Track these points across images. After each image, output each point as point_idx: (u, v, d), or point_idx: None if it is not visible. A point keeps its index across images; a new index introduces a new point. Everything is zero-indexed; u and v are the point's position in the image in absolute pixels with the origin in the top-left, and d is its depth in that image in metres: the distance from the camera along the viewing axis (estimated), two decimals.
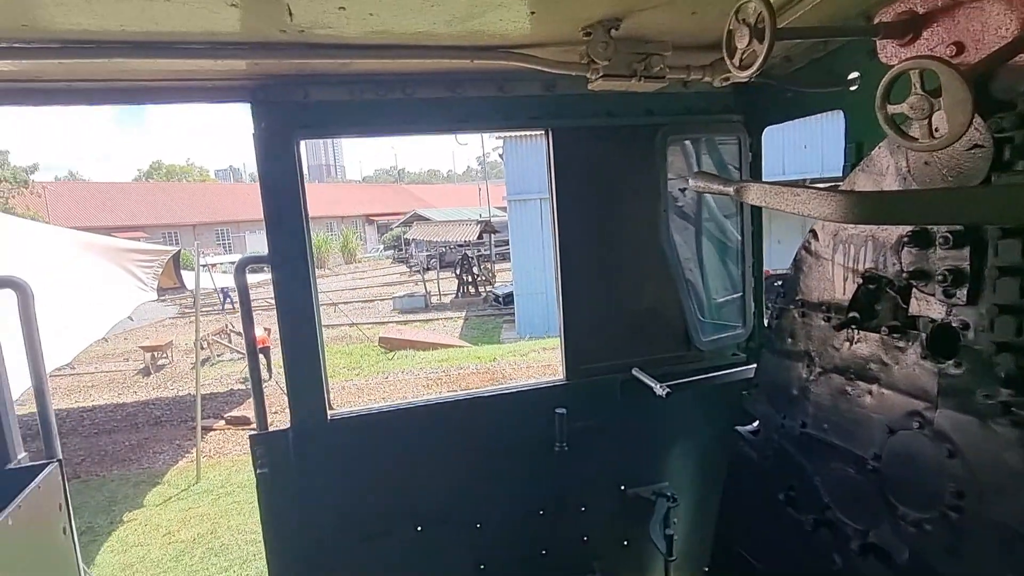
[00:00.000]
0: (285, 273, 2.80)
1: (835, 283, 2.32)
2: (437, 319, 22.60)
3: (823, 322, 2.36)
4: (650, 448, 3.35)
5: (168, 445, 10.71)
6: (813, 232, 2.42)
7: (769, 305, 2.90)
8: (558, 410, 3.09)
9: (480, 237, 31.47)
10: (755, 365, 2.93)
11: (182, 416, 12.02)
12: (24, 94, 2.59)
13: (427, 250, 35.85)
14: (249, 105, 2.73)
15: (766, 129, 3.22)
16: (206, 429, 10.64)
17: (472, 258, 28.70)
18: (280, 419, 3.30)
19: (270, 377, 13.13)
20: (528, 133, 18.80)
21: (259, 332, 12.44)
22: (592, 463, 3.23)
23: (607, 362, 3.19)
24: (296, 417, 2.85)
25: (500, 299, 23.95)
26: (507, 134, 18.90)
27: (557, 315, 3.18)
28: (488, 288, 27.19)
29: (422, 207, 54.52)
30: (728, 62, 1.76)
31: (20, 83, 2.53)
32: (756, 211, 3.32)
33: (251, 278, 3.27)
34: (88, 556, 7.15)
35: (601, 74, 2.22)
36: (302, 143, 2.87)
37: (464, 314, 23.17)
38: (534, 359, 14.99)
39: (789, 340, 2.55)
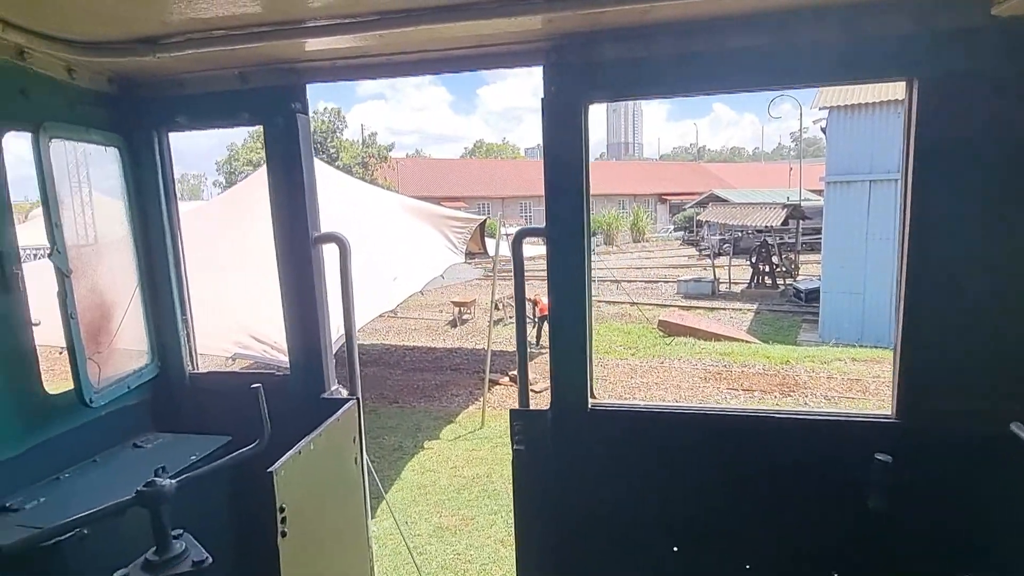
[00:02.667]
0: (560, 247, 2.64)
1: None
2: (723, 308, 21.09)
3: None
4: (1018, 535, 2.32)
5: (463, 390, 12.19)
6: None
7: None
8: (880, 455, 2.32)
9: (785, 223, 28.14)
10: None
11: (476, 367, 13.55)
12: (353, 69, 2.89)
13: (721, 233, 33.75)
14: (541, 69, 2.61)
15: None
16: (493, 382, 11.77)
17: (773, 246, 25.88)
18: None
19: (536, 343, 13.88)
20: (861, 101, 15.83)
21: (544, 299, 13.23)
22: (920, 537, 2.38)
23: (968, 406, 2.28)
24: (556, 400, 2.70)
25: (802, 294, 21.18)
26: (830, 104, 16.24)
27: (894, 328, 2.37)
28: (788, 281, 24.31)
29: (720, 187, 51.52)
30: None
31: (350, 59, 2.82)
32: None
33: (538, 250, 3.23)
34: (396, 470, 8.54)
35: None
36: (591, 110, 2.65)
37: (756, 307, 21.15)
38: (839, 370, 12.79)
39: None
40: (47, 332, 2.74)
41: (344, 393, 3.15)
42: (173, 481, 2.08)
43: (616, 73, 2.50)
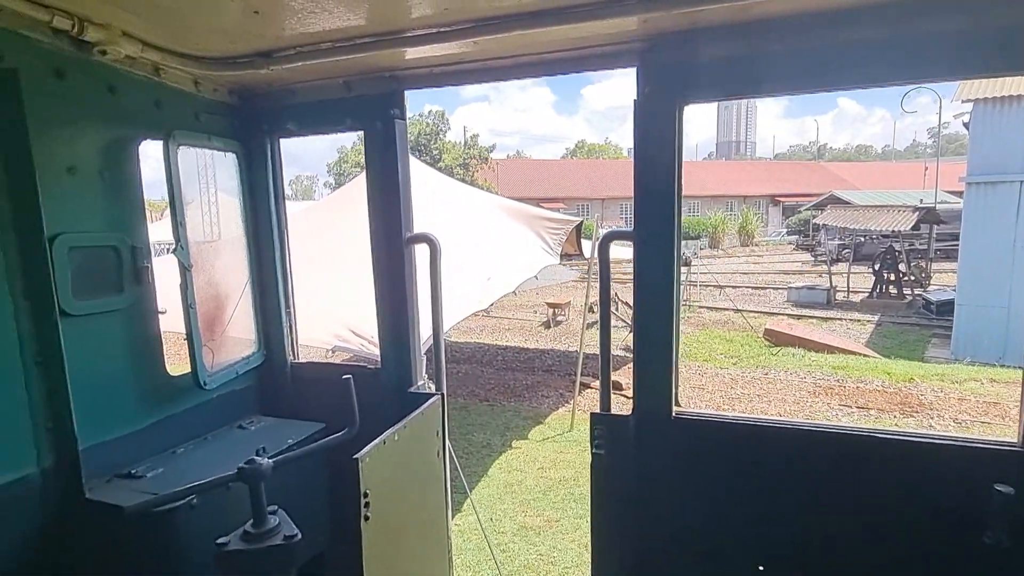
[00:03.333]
0: (648, 251, 2.56)
1: None
2: (839, 319, 19.53)
3: None
4: None
5: (553, 392, 12.18)
6: None
7: None
8: (1000, 487, 2.06)
9: (916, 227, 25.53)
10: None
11: (567, 369, 13.49)
12: (450, 75, 2.98)
13: (840, 238, 31.26)
14: (635, 70, 2.55)
15: None
16: (584, 385, 11.65)
17: (900, 252, 23.62)
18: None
19: None
20: (1011, 93, 14.06)
21: None
22: None
23: None
24: (639, 406, 2.63)
25: (933, 306, 19.18)
26: (974, 96, 14.54)
27: None
28: (918, 291, 22.09)
29: (841, 188, 47.76)
30: None
31: (447, 66, 2.91)
32: None
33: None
34: (484, 467, 8.68)
35: None
36: (690, 110, 2.57)
37: (877, 318, 19.41)
38: (973, 391, 11.44)
39: None
40: (170, 320, 3.05)
41: (431, 388, 3.26)
42: (270, 461, 2.25)
43: (715, 73, 2.41)
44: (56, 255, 2.41)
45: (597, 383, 12.28)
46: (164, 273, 2.97)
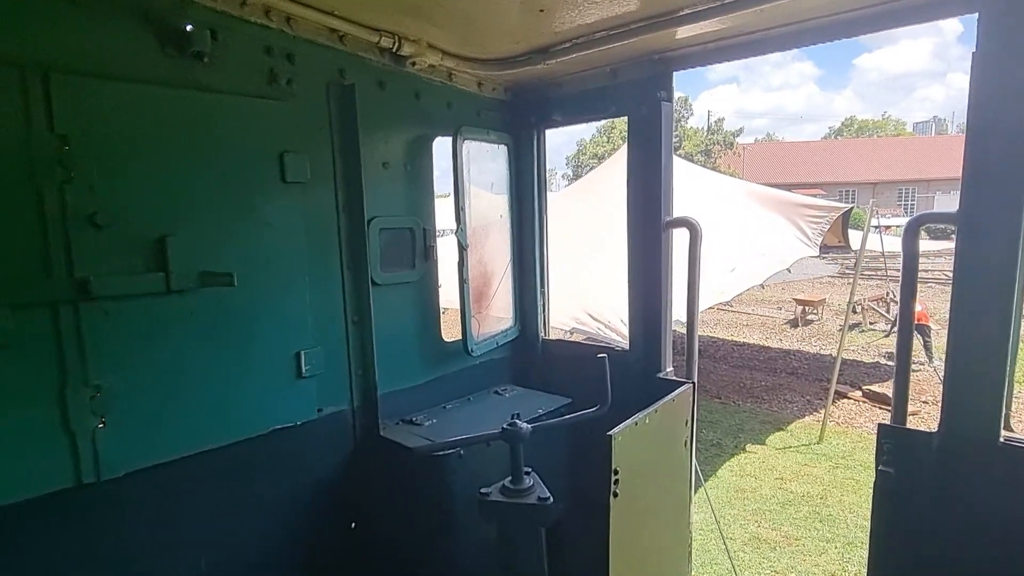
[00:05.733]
0: (977, 239, 2.10)
1: None
2: None
3: None
4: None
5: (798, 397, 11.03)
6: None
7: None
8: None
9: None
10: None
11: (818, 374, 12.08)
12: (723, 51, 2.86)
13: None
14: (976, 17, 2.08)
15: None
16: (839, 395, 10.35)
17: None
18: (927, 412, 2.67)
19: (930, 361, 11.48)
20: None
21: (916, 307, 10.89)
22: None
23: None
24: (948, 423, 2.23)
25: None
26: None
27: None
28: None
29: None
30: None
31: (721, 41, 2.79)
32: None
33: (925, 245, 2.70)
34: (712, 467, 8.30)
35: None
36: None
37: None
38: None
39: None
40: (443, 293, 3.51)
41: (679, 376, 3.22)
42: (528, 426, 2.47)
43: None
44: (371, 235, 2.95)
45: (857, 393, 10.82)
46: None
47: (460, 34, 2.86)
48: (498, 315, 3.86)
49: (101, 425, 2.15)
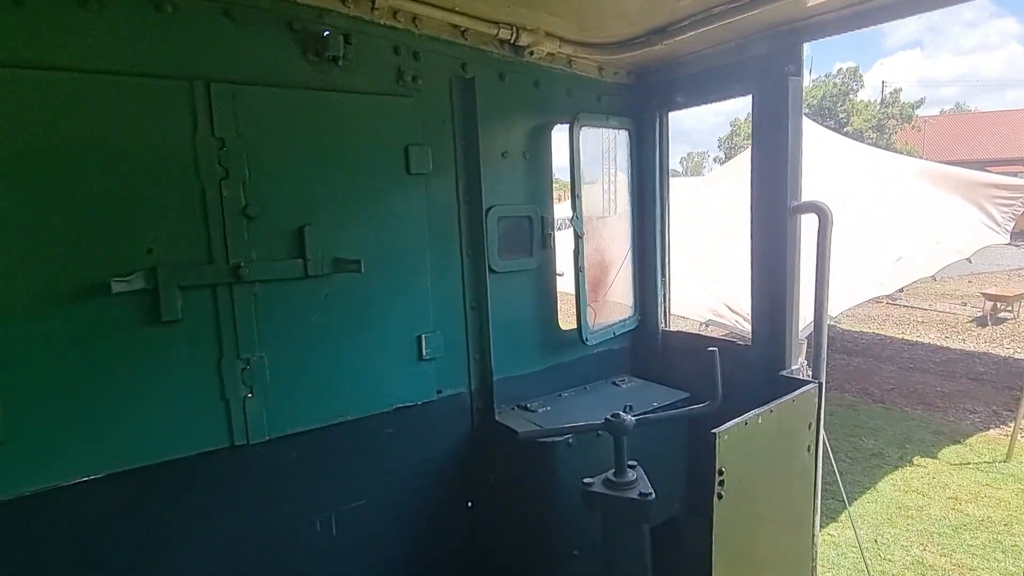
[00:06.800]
0: None
1: None
2: None
3: None
4: None
5: (982, 406, 9.55)
6: None
7: None
8: None
9: None
10: None
11: (1008, 381, 10.36)
12: (866, 15, 2.56)
13: None
14: None
15: None
16: None
17: None
18: None
19: None
20: None
21: None
22: None
23: None
24: None
25: None
26: None
27: None
28: None
29: None
30: None
31: (863, 3, 2.50)
32: None
33: None
34: (871, 479, 7.49)
35: None
36: None
37: None
38: None
39: None
40: (560, 282, 3.52)
41: (807, 375, 2.96)
42: (632, 418, 2.42)
43: None
44: (489, 223, 3.05)
45: None
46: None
47: (576, 20, 2.84)
48: (618, 304, 3.80)
49: (249, 395, 2.47)
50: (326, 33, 2.48)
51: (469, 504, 3.17)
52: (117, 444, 2.22)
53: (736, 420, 2.22)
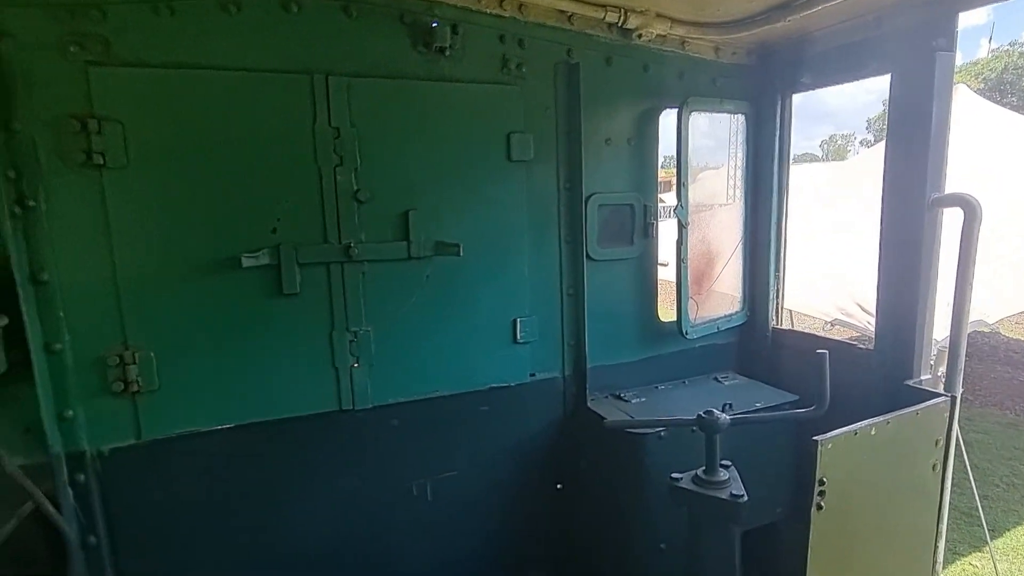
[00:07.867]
0: None
1: None
2: None
3: None
4: None
5: None
6: None
7: None
8: None
9: None
10: None
11: None
12: None
13: None
14: None
15: None
16: None
17: None
18: None
19: None
20: None
21: None
22: None
23: None
24: None
25: None
26: None
27: None
28: None
29: None
30: None
31: None
32: None
33: None
34: (1005, 508, 6.54)
35: None
36: None
37: None
38: None
39: None
40: (662, 271, 3.42)
41: (940, 386, 2.66)
42: (727, 417, 2.32)
43: None
44: (589, 211, 3.03)
45: None
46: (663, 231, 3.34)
47: (688, 0, 2.71)
48: (725, 297, 3.62)
49: (355, 365, 2.69)
50: (435, 24, 2.58)
51: (559, 486, 3.21)
52: (245, 399, 2.53)
53: (844, 429, 2.07)
